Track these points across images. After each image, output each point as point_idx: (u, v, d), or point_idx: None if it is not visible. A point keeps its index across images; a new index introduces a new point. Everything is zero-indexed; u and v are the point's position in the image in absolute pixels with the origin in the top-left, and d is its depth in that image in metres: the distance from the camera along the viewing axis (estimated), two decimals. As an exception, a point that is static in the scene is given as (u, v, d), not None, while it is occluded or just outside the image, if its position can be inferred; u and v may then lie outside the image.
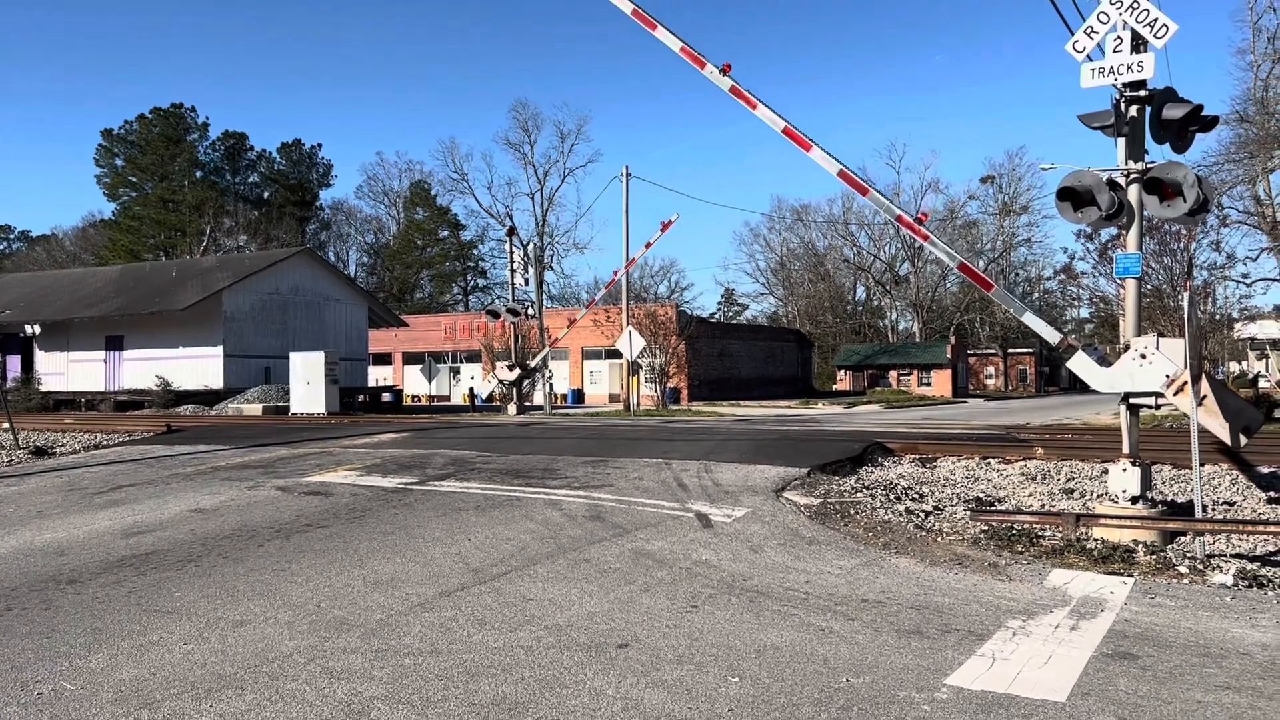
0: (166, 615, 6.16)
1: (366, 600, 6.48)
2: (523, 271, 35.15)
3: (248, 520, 9.57)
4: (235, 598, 6.59)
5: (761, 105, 11.58)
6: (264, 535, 8.79)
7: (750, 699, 4.58)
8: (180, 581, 7.09)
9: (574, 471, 12.54)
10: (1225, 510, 10.74)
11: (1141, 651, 5.36)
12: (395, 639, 5.57)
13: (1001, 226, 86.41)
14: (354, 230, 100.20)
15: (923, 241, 11.67)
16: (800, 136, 11.46)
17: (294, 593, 6.71)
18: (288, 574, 7.28)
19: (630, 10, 13.19)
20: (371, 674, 4.95)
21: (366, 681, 4.83)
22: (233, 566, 7.56)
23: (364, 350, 46.03)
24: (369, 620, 5.98)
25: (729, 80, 11.92)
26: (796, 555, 7.91)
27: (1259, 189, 39.29)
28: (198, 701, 4.57)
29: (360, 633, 5.71)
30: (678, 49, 12.61)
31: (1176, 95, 9.38)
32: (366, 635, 5.65)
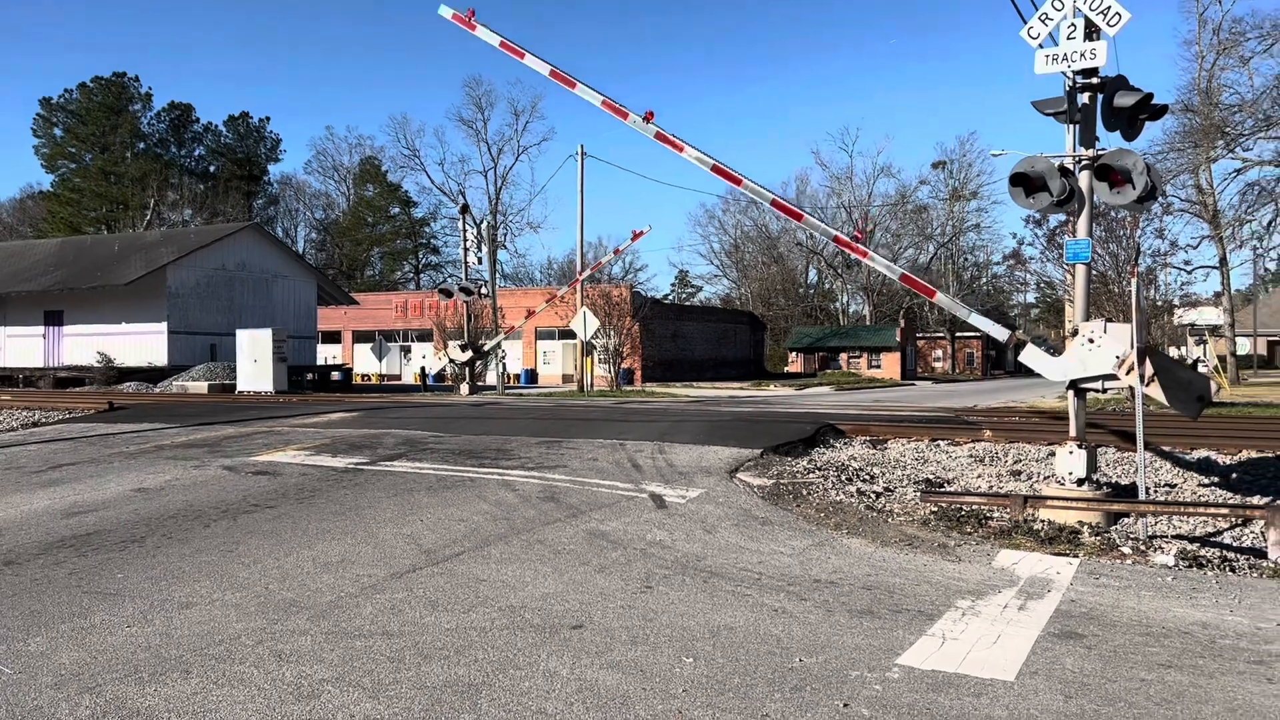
0: (109, 597, 6.02)
1: (316, 582, 6.39)
2: (476, 250, 34.83)
3: (193, 500, 9.39)
4: (180, 579, 6.46)
5: (689, 147, 12.07)
6: (210, 515, 8.63)
7: (704, 679, 4.58)
8: (123, 562, 6.93)
9: (528, 452, 12.47)
10: (1167, 492, 10.98)
11: (1087, 631, 5.46)
12: (346, 621, 5.50)
13: (951, 211, 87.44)
14: (303, 206, 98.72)
15: (862, 259, 11.92)
16: (730, 172, 11.94)
17: (241, 574, 6.60)
18: (235, 555, 7.15)
19: (548, 72, 13.91)
20: (321, 656, 4.88)
21: (316, 664, 4.76)
22: (178, 547, 7.41)
23: (313, 328, 45.39)
24: (319, 602, 5.90)
25: (653, 127, 12.38)
26: (750, 536, 7.94)
27: (1201, 178, 40.15)
28: (141, 685, 4.47)
29: (310, 614, 5.62)
30: (599, 103, 13.19)
31: (1128, 83, 9.51)
32: (316, 617, 5.57)
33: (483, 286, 35.58)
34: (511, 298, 55.48)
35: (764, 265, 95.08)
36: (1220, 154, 27.46)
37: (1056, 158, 9.51)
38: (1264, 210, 26.73)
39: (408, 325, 58.95)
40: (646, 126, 12.38)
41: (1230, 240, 40.02)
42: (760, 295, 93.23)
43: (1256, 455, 12.55)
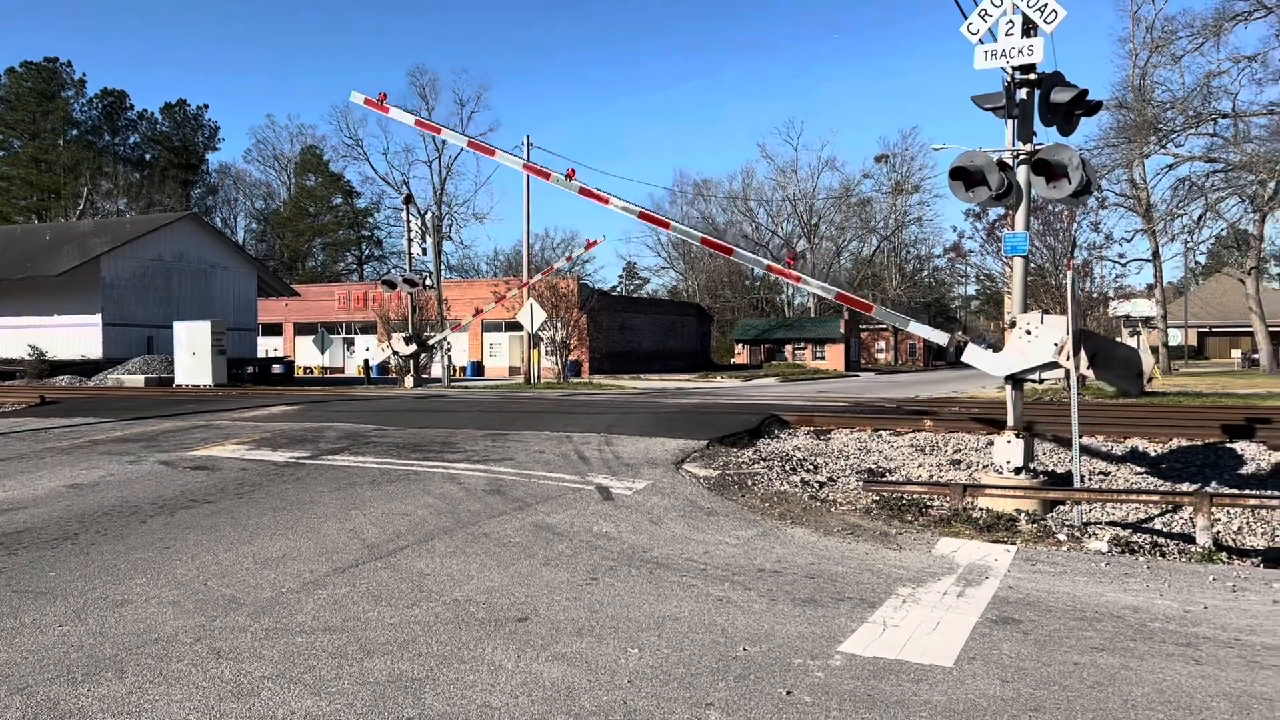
0: (40, 596, 5.87)
1: (256, 578, 6.29)
2: (420, 241, 34.47)
3: (129, 496, 9.18)
4: (116, 577, 6.31)
5: (614, 199, 12.60)
6: (147, 512, 8.44)
7: (649, 670, 4.60)
8: (55, 560, 6.76)
9: (473, 445, 12.40)
10: (1101, 480, 11.25)
11: (1023, 617, 5.57)
12: (287, 617, 5.42)
13: (894, 205, 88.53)
14: (242, 196, 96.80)
15: (796, 283, 12.36)
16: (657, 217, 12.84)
17: (179, 571, 6.47)
18: (172, 551, 7.01)
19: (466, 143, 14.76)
20: (262, 653, 4.81)
21: (256, 661, 4.69)
22: (113, 544, 7.24)
23: (253, 320, 44.60)
24: (259, 598, 5.81)
25: (577, 184, 13.02)
26: (696, 526, 7.98)
27: (1135, 173, 41.13)
28: (74, 685, 4.37)
29: (250, 611, 5.53)
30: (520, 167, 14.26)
31: (1064, 79, 9.70)
32: (256, 614, 5.49)
33: (427, 278, 35.27)
34: (457, 289, 55.00)
35: (711, 258, 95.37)
36: (1153, 150, 28.20)
37: (995, 152, 9.68)
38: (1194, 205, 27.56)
39: (351, 317, 58.17)
40: (570, 184, 13.07)
41: (1162, 234, 41.08)
42: (707, 287, 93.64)
43: (1186, 443, 12.92)
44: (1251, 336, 58.26)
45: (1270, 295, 63.31)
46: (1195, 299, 76.83)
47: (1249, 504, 9.52)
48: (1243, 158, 25.32)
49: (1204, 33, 25.48)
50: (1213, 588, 6.28)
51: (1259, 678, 4.57)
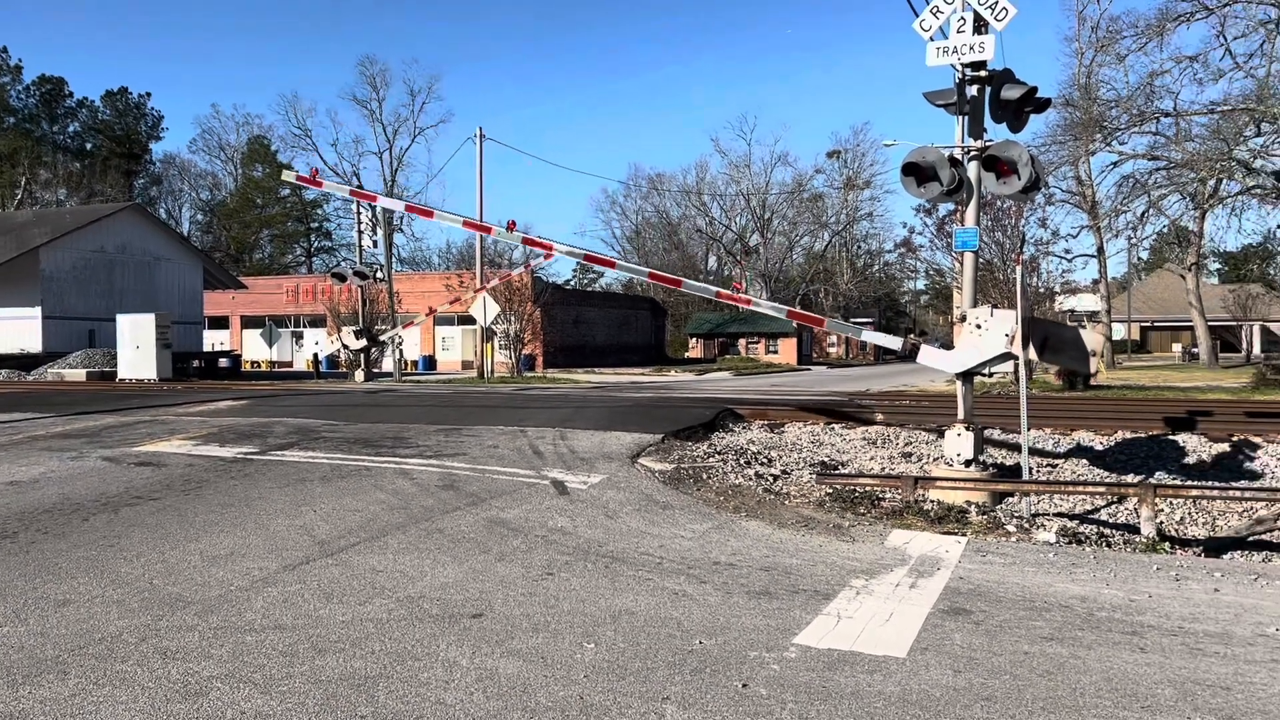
0: (-22, 597, 5.70)
1: (204, 575, 6.17)
2: (370, 233, 34.03)
3: (71, 493, 8.96)
4: (57, 576, 6.15)
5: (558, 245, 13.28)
6: (90, 509, 8.24)
7: (605, 664, 4.59)
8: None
9: (426, 440, 12.29)
10: (1049, 472, 11.45)
11: (974, 607, 5.65)
12: (235, 615, 5.33)
13: (846, 200, 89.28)
14: (188, 186, 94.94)
15: (747, 306, 12.76)
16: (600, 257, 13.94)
17: (123, 569, 6.32)
18: (116, 549, 6.85)
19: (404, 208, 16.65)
20: (210, 652, 4.71)
21: (204, 660, 4.60)
22: (54, 543, 7.06)
23: (199, 313, 43.80)
24: (207, 596, 5.69)
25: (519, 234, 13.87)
26: (651, 520, 7.98)
27: (1081, 170, 41.90)
28: (14, 688, 4.25)
29: (197, 610, 5.43)
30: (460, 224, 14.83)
31: (1014, 77, 9.83)
32: (204, 612, 5.38)
33: (378, 271, 34.85)
34: (409, 282, 54.45)
35: (665, 251, 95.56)
36: (1098, 147, 28.72)
37: (946, 148, 9.79)
38: (1138, 202, 28.19)
39: (299, 310, 57.34)
40: (512, 235, 13.91)
41: (1107, 230, 41.92)
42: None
43: (1131, 435, 13.19)
44: (1192, 331, 59.72)
45: (1209, 291, 64.89)
46: (1138, 294, 78.52)
47: (1191, 495, 9.75)
48: (1184, 156, 25.92)
49: (1147, 33, 26.03)
50: (1157, 577, 6.41)
51: (1201, 664, 4.67)
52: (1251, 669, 4.61)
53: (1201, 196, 33.80)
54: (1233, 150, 25.31)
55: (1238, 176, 26.32)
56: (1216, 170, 25.93)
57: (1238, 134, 25.45)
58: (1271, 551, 9.42)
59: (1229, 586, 6.18)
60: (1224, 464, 11.98)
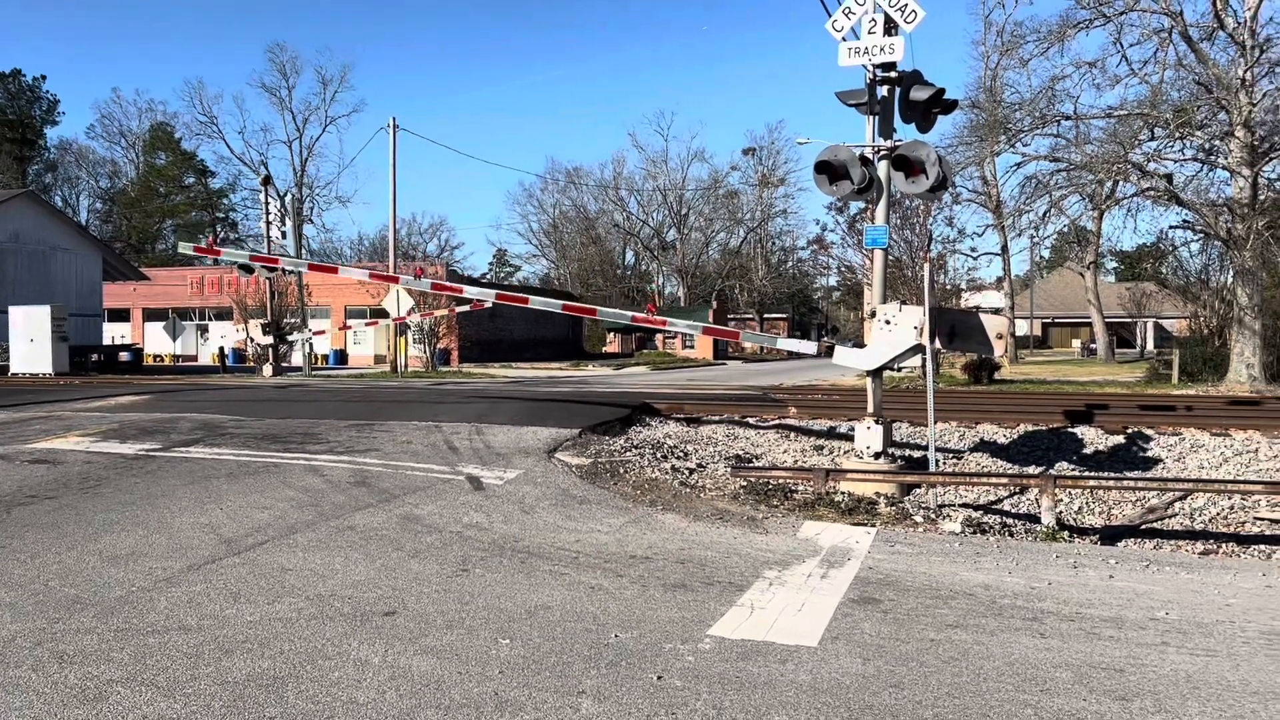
0: None
1: (104, 576, 5.96)
2: (279, 224, 33.27)
3: (-41, 493, 8.55)
4: (-57, 580, 5.87)
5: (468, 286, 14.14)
6: (-21, 509, 7.88)
7: (521, 660, 4.57)
8: (-127, 564, 6.24)
9: (337, 436, 12.06)
10: (955, 463, 11.77)
11: (883, 596, 5.78)
12: (137, 617, 5.16)
13: (761, 197, 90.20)
14: (86, 174, 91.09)
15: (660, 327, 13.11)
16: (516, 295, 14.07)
17: (16, 571, 6.07)
18: (9, 551, 6.57)
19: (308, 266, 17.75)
20: (110, 655, 4.56)
21: (104, 664, 4.44)
22: (-60, 545, 6.74)
23: (98, 305, 42.17)
24: (107, 598, 5.50)
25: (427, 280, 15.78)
26: (568, 515, 7.97)
27: (986, 170, 43.12)
28: (-103, 698, 4.05)
29: (96, 611, 5.24)
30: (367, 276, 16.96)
31: (923, 78, 10.06)
32: (104, 614, 5.20)
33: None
34: (320, 275, 53.35)
35: (582, 246, 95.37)
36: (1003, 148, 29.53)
37: (858, 147, 9.98)
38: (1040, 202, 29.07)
39: (205, 303, 55.65)
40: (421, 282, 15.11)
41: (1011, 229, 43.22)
42: (579, 276, 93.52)
43: (1032, 428, 13.64)
44: (1090, 327, 62.02)
45: (1107, 289, 67.46)
46: (1040, 291, 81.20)
47: (1088, 485, 10.13)
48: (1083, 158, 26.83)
49: (1049, 38, 26.82)
50: (1056, 565, 6.65)
51: (1097, 648, 4.86)
52: (1143, 651, 4.82)
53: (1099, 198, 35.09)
54: (1128, 153, 26.29)
55: (1133, 179, 27.36)
56: (1113, 172, 26.90)
57: (1133, 138, 26.43)
58: (1162, 539, 9.86)
59: (1123, 573, 6.45)
60: (1119, 455, 12.49)
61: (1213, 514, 10.57)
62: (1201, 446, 12.47)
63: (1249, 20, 24.71)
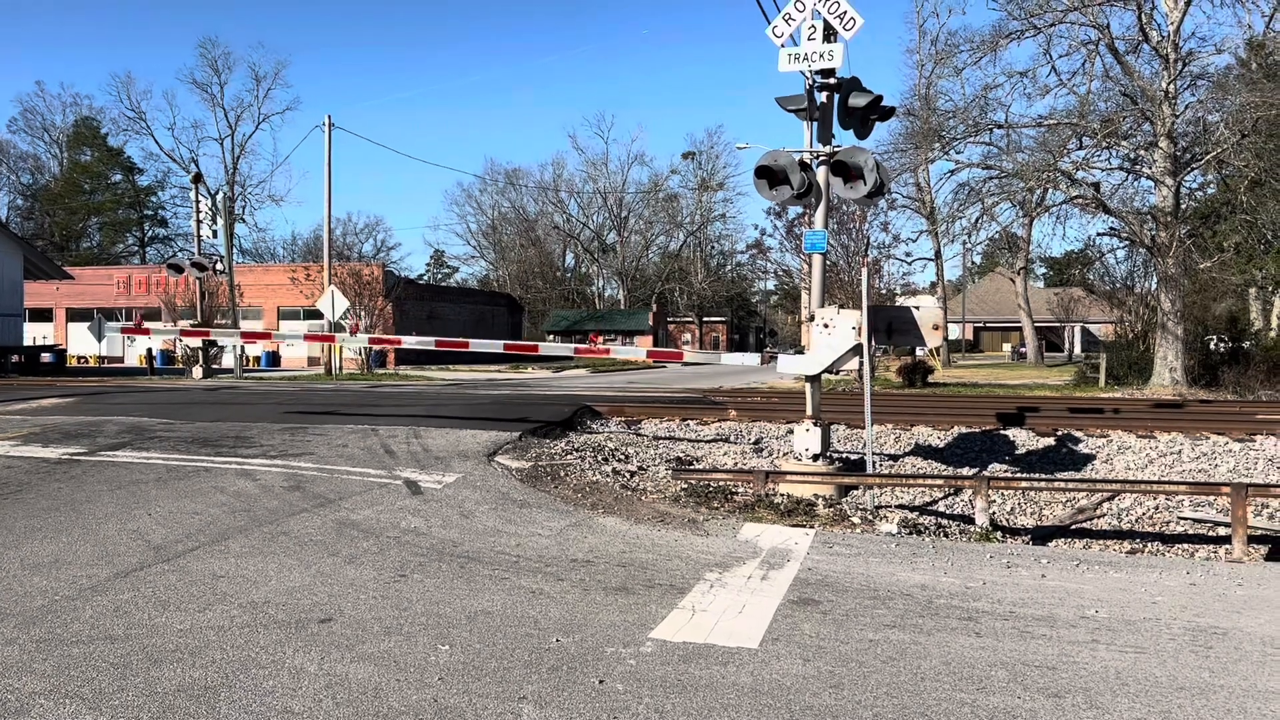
0: None
1: (25, 585, 5.75)
2: (210, 222, 32.52)
3: None
4: None
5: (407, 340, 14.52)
6: (-109, 516, 7.57)
7: (461, 666, 4.52)
8: None
9: (270, 439, 11.82)
10: (890, 465, 11.93)
11: (822, 597, 5.83)
12: (61, 626, 4.99)
13: (700, 201, 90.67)
14: (6, 169, 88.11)
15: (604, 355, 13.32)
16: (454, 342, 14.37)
17: (-69, 581, 5.83)
18: (-77, 560, 6.31)
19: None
20: (32, 666, 4.40)
21: (26, 675, 4.29)
22: None
23: (19, 305, 40.77)
24: (28, 607, 5.31)
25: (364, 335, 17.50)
26: (508, 519, 7.91)
27: (920, 177, 43.89)
28: None
29: (17, 621, 5.05)
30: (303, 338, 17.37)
31: (861, 85, 10.19)
32: (25, 624, 5.01)
33: (218, 262, 33.31)
34: (251, 275, 52.27)
35: (522, 247, 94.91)
36: (937, 155, 30.11)
37: (797, 153, 10.07)
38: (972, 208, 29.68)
39: (132, 303, 54.17)
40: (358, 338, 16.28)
41: (944, 235, 44.03)
42: (518, 277, 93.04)
43: (966, 430, 13.89)
44: (1021, 331, 63.42)
45: (1036, 294, 69.08)
46: (972, 296, 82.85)
47: (1020, 486, 10.35)
48: (1014, 166, 27.46)
49: (982, 48, 27.40)
50: (990, 565, 6.78)
51: (1031, 647, 4.96)
52: (1075, 649, 4.93)
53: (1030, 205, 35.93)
54: (1057, 162, 26.97)
55: (1062, 187, 28.07)
56: (1043, 180, 27.58)
57: (1062, 147, 27.13)
58: (1092, 539, 10.11)
59: (1054, 572, 6.59)
60: (1050, 457, 12.78)
61: (1139, 514, 10.87)
62: (1128, 448, 12.81)
63: (1172, 34, 25.53)
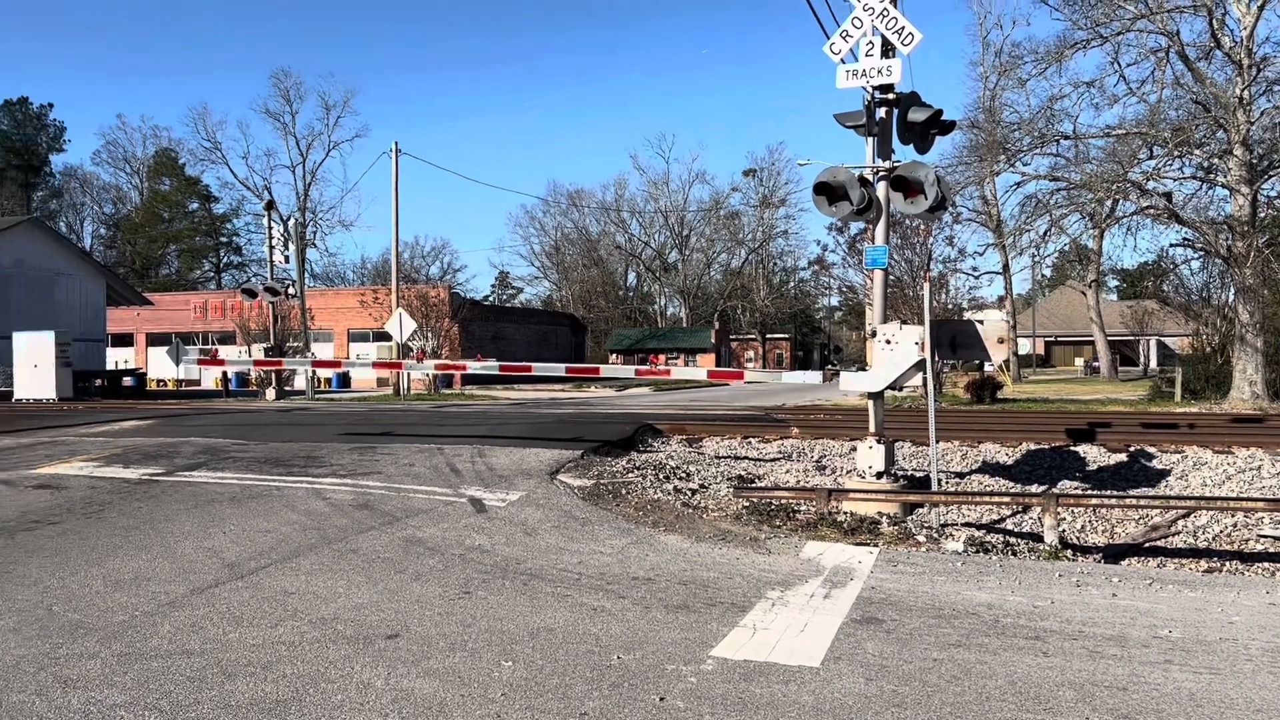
0: None
1: (107, 601, 5.97)
2: (282, 248, 33.40)
3: (-38, 518, 8.58)
4: (-53, 605, 5.89)
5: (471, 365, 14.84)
6: (-17, 535, 7.90)
7: (523, 682, 4.58)
8: (-122, 590, 6.25)
9: (340, 459, 12.07)
10: (956, 483, 11.76)
11: (886, 616, 5.78)
12: (141, 641, 5.17)
13: (761, 218, 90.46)
14: (90, 200, 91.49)
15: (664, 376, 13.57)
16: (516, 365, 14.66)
17: (20, 596, 6.08)
18: (13, 576, 6.59)
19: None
20: (113, 680, 4.56)
21: (107, 688, 4.45)
22: (-56, 571, 6.76)
23: (102, 330, 42.28)
24: (110, 622, 5.51)
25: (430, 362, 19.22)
26: (570, 537, 7.98)
27: (986, 190, 43.24)
28: (-99, 724, 4.06)
29: (100, 636, 5.25)
30: None
31: (920, 100, 10.13)
32: (107, 639, 5.21)
33: (290, 286, 34.16)
34: (322, 298, 53.46)
35: (584, 267, 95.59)
36: (1002, 168, 29.67)
37: (857, 168, 10.03)
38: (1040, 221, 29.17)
39: (208, 327, 55.79)
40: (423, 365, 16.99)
41: (1011, 248, 43.30)
42: (581, 297, 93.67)
43: (1034, 447, 13.63)
44: (1093, 345, 62.00)
45: (1109, 307, 67.53)
46: (1042, 310, 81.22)
47: (1091, 504, 10.12)
48: (1082, 177, 26.95)
49: (1047, 59, 26.99)
50: (1059, 584, 6.65)
51: (1100, 667, 4.86)
52: (1147, 670, 4.82)
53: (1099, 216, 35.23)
54: (1127, 172, 26.39)
55: (1133, 197, 27.46)
56: (1113, 191, 27.01)
57: (1132, 156, 26.56)
58: (1166, 557, 9.84)
59: (1126, 591, 6.44)
60: (1122, 473, 12.47)
61: (1216, 532, 10.55)
62: (1204, 464, 12.45)
63: (1245, 39, 24.86)
